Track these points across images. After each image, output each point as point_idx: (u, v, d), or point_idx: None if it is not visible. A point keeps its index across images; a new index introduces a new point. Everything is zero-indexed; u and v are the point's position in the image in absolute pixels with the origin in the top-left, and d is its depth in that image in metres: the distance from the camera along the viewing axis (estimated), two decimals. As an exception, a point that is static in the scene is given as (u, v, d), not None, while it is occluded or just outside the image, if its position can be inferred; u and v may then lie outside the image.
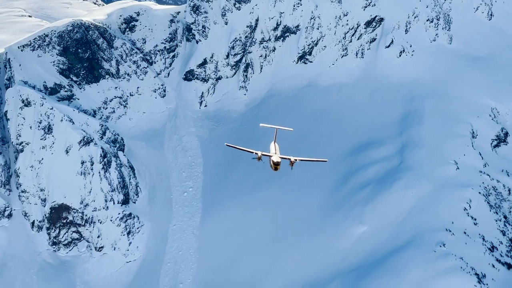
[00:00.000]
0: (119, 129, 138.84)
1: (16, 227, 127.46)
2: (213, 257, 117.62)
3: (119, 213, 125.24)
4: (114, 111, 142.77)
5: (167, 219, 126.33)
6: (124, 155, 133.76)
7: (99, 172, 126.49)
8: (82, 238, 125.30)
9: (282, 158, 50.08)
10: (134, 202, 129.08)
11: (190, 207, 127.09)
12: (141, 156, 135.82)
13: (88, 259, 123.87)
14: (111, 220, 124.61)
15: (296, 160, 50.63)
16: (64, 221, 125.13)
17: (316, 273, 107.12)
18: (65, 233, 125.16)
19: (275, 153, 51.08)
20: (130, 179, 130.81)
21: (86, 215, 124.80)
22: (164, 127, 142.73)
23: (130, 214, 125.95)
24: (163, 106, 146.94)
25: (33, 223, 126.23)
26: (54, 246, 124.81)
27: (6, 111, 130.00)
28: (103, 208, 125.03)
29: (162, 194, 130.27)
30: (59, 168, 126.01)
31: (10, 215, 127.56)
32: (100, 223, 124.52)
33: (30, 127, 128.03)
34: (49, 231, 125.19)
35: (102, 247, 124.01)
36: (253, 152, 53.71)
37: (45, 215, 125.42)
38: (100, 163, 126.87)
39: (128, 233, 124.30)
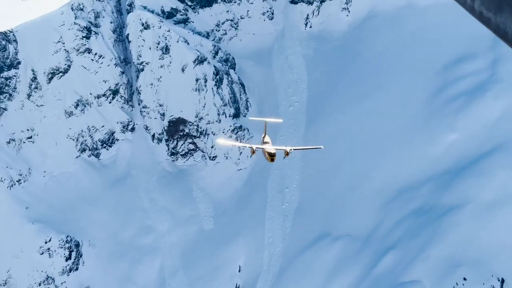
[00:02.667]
0: (230, 50, 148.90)
1: (138, 140, 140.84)
2: (316, 164, 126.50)
3: (230, 126, 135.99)
4: (226, 33, 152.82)
5: (274, 130, 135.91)
6: (235, 73, 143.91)
7: (212, 88, 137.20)
8: (197, 149, 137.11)
9: (277, 149, 47.57)
10: (244, 116, 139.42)
11: (295, 120, 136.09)
12: (251, 74, 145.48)
13: (203, 167, 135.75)
14: (223, 132, 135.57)
15: (291, 150, 48.90)
16: (181, 133, 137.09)
17: (411, 176, 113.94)
18: (182, 144, 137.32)
19: (268, 144, 48.17)
20: (240, 95, 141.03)
21: (200, 128, 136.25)
22: (272, 47, 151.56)
23: (240, 127, 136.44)
24: (271, 28, 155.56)
25: (153, 135, 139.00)
26: (172, 156, 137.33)
27: (128, 34, 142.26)
28: (216, 121, 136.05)
29: (269, 108, 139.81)
30: (176, 85, 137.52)
31: (133, 129, 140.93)
32: (214, 134, 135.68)
33: (149, 48, 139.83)
34: (167, 143, 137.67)
35: (215, 156, 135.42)
36: (246, 146, 52.83)
37: (164, 128, 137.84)
38: (213, 80, 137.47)
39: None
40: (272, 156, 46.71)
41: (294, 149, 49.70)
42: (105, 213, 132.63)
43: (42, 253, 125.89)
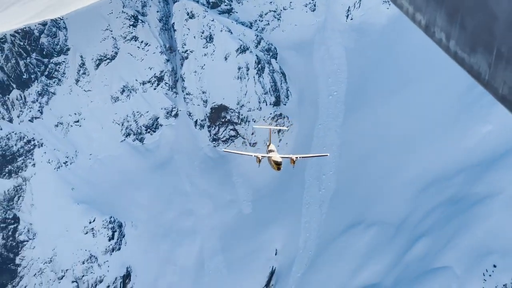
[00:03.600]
0: (273, 40, 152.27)
1: (181, 125, 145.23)
2: (353, 152, 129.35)
3: (270, 113, 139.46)
4: (268, 23, 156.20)
5: (313, 119, 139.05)
6: (277, 62, 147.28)
7: (254, 77, 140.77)
8: (238, 135, 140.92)
9: (282, 157, 48.70)
10: (285, 104, 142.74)
11: (334, 109, 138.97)
12: (292, 64, 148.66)
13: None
14: (263, 119, 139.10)
15: (297, 158, 49.46)
16: (223, 120, 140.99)
17: (444, 167, 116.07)
18: (223, 131, 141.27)
19: (273, 152, 48.96)
20: (281, 84, 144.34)
21: (242, 115, 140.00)
22: (313, 38, 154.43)
23: (280, 114, 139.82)
24: (313, 19, 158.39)
25: (196, 121, 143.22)
26: (214, 142, 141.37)
27: (174, 23, 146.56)
28: (257, 109, 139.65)
29: (309, 97, 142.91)
30: (218, 73, 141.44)
31: (176, 115, 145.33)
32: (254, 121, 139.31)
33: (194, 37, 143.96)
34: (209, 129, 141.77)
35: (255, 143, 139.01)
36: (251, 155, 52.22)
37: (206, 114, 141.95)
38: (255, 69, 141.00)
39: (279, 131, 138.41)
40: (278, 165, 47.86)
41: (300, 157, 50.70)
42: (147, 195, 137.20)
43: (86, 233, 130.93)
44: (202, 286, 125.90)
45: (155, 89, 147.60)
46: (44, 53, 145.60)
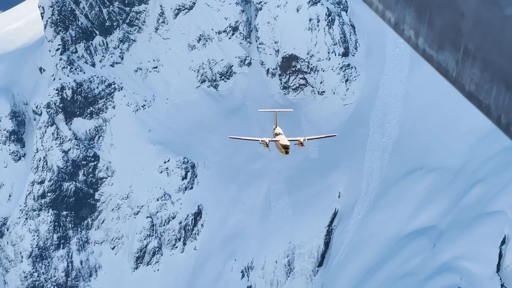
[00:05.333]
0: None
1: (254, 74, 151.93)
2: (416, 102, 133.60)
3: (339, 63, 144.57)
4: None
5: (379, 70, 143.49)
6: (347, 15, 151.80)
7: (324, 28, 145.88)
8: (307, 84, 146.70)
9: (290, 140, 47.81)
10: (353, 55, 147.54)
11: (400, 61, 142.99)
12: (361, 17, 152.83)
13: (311, 101, 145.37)
14: (332, 69, 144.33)
15: (305, 139, 49.51)
16: (293, 69, 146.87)
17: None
18: (293, 79, 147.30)
19: (280, 135, 48.36)
20: (350, 36, 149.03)
21: (311, 64, 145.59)
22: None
23: (348, 65, 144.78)
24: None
25: (267, 70, 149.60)
26: (284, 90, 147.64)
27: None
28: (326, 59, 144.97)
29: (377, 50, 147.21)
30: (290, 24, 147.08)
31: (249, 64, 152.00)
32: (323, 71, 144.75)
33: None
34: (280, 77, 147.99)
35: (323, 91, 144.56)
36: (258, 140, 52.69)
37: (277, 63, 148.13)
38: (325, 20, 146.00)
39: (346, 80, 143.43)
40: (286, 149, 46.70)
41: (308, 139, 50.76)
42: (219, 139, 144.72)
43: (161, 172, 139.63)
44: (268, 224, 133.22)
45: (230, 38, 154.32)
46: (126, 1, 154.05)
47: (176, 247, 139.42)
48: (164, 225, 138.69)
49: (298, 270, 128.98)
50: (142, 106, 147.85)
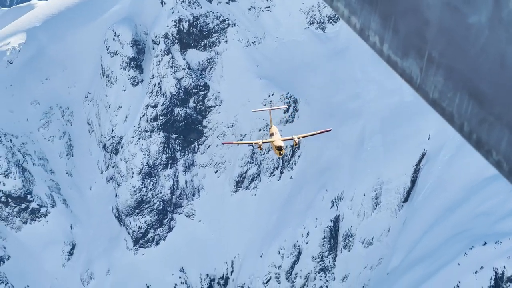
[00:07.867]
0: None
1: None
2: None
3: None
4: None
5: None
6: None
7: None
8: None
9: (284, 140, 45.36)
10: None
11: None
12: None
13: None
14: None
15: (299, 138, 46.74)
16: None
17: None
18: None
19: (275, 135, 46.19)
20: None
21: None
22: None
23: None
24: None
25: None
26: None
27: None
28: None
29: None
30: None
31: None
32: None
33: None
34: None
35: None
36: (252, 143, 51.94)
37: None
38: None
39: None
40: (280, 150, 44.34)
41: (302, 137, 48.09)
42: (322, 78, 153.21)
43: (265, 104, 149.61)
44: (360, 160, 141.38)
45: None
46: None
47: (274, 175, 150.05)
48: (264, 154, 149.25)
49: (384, 204, 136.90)
50: (252, 42, 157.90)
